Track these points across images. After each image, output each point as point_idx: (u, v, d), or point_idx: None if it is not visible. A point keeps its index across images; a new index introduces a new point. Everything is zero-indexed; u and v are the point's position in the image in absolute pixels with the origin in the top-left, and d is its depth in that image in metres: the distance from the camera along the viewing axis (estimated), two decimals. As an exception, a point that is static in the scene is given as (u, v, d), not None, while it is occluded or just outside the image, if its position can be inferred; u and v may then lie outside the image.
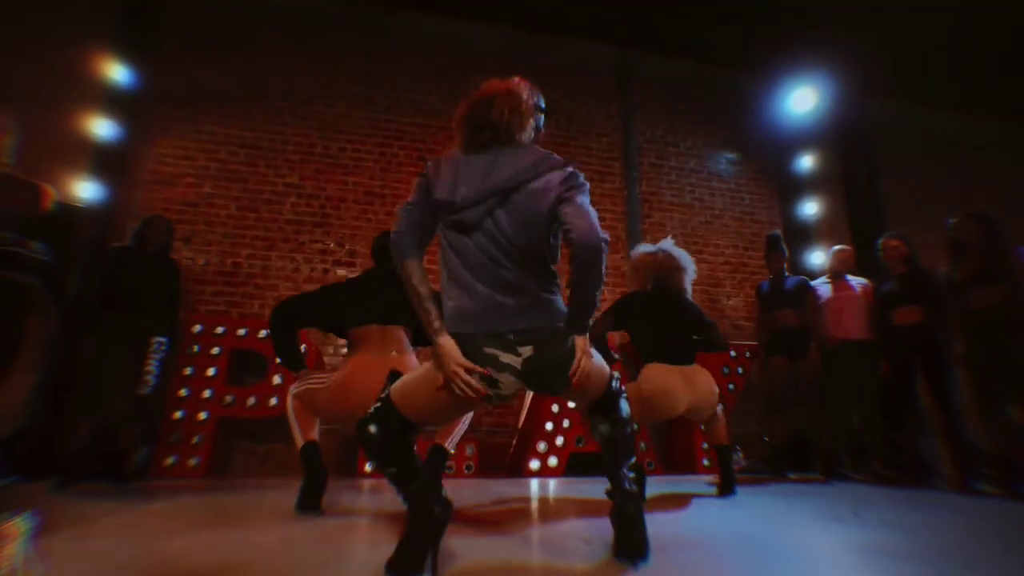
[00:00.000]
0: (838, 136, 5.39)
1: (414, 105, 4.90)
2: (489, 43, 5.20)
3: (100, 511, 2.01)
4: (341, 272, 4.33)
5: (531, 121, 1.51)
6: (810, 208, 5.27)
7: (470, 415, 2.20)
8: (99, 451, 2.98)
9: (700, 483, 3.28)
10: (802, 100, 5.33)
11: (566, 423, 3.81)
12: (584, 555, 1.48)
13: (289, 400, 2.22)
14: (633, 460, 1.55)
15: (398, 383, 1.42)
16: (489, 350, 1.32)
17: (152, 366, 3.12)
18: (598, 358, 1.47)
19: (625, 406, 1.56)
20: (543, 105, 1.61)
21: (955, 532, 1.93)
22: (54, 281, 3.05)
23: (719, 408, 2.91)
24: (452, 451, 2.17)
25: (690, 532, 1.83)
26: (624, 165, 5.22)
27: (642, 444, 3.91)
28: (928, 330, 3.37)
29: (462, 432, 2.21)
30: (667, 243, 3.06)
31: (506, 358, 1.32)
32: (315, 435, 2.16)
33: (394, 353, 2.17)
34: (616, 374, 1.59)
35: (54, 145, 3.83)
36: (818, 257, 5.02)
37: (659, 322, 2.79)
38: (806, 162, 5.38)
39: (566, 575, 1.24)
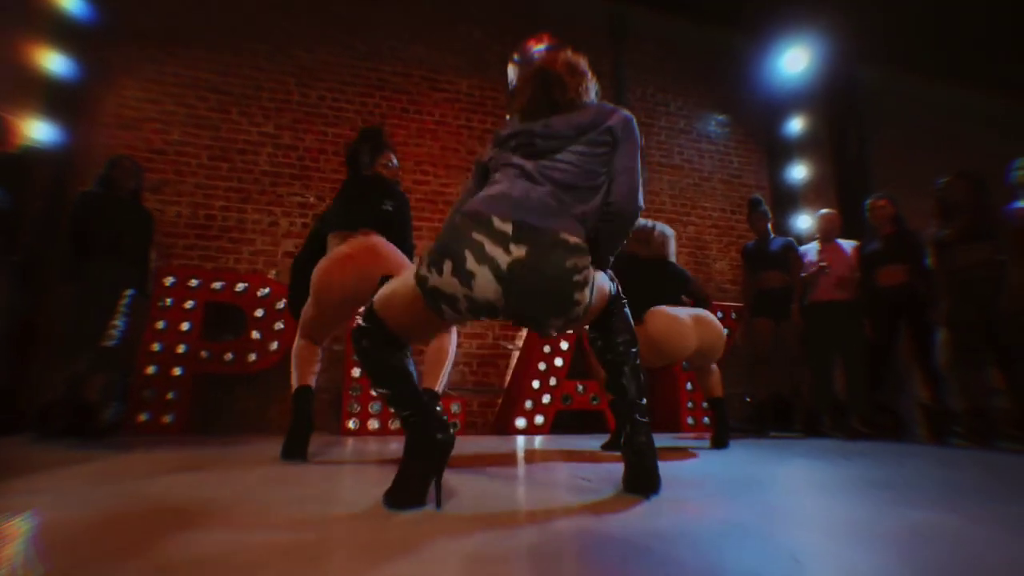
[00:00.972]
0: (828, 99, 5.34)
1: (395, 53, 4.66)
2: (476, -9, 4.96)
3: (73, 460, 1.88)
4: (321, 227, 4.15)
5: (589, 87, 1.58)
6: (798, 172, 5.25)
7: (452, 353, 2.15)
8: (71, 405, 2.83)
9: (686, 440, 3.30)
10: (794, 61, 5.25)
11: (552, 381, 3.78)
12: (588, 491, 1.43)
13: (295, 342, 2.12)
14: (646, 400, 1.46)
15: (380, 291, 1.33)
16: (477, 236, 1.19)
17: (119, 319, 2.95)
18: (599, 280, 1.38)
19: (630, 324, 1.50)
20: None
21: (934, 469, 1.96)
22: (9, 228, 2.85)
23: (713, 365, 2.91)
24: (441, 392, 2.09)
25: (691, 473, 1.81)
26: (614, 124, 5.08)
27: (628, 402, 3.91)
28: (912, 289, 3.40)
29: (448, 371, 2.12)
30: (658, 224, 3.04)
31: (492, 250, 1.18)
32: (311, 381, 2.06)
33: (360, 237, 2.07)
34: (616, 283, 1.51)
35: (2, 77, 3.53)
36: (805, 221, 5.03)
37: (651, 284, 2.78)
38: (795, 125, 5.34)
39: (577, 509, 1.19)
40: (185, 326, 3.20)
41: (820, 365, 3.88)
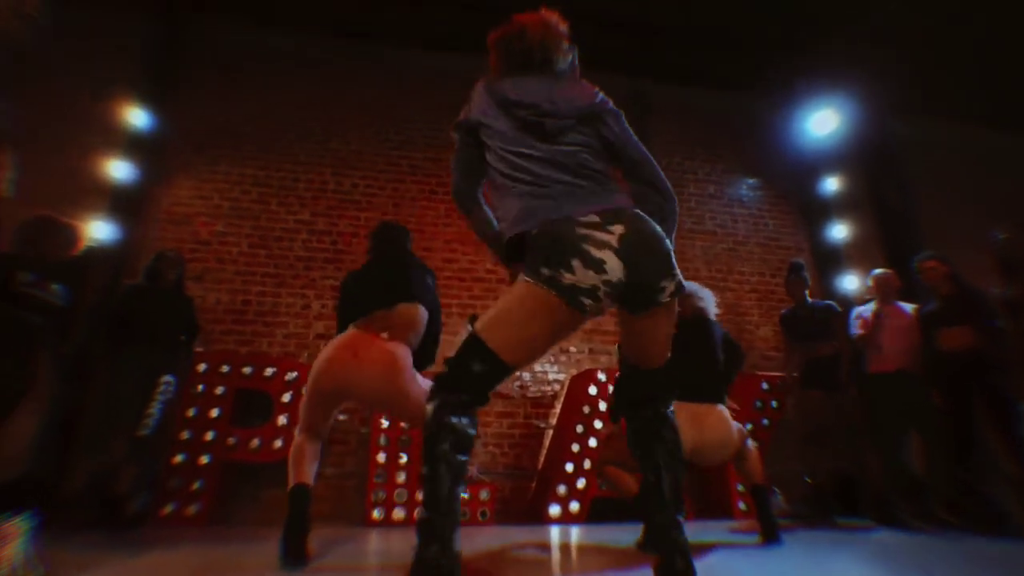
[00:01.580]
0: (863, 156, 5.19)
1: (427, 140, 4.90)
2: (500, 78, 5.23)
3: (93, 560, 1.85)
4: (352, 308, 4.24)
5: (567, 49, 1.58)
6: (838, 232, 5.03)
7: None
8: (98, 495, 2.85)
9: (735, 529, 2.98)
10: (822, 122, 5.18)
11: (587, 464, 3.55)
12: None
13: (295, 438, 2.07)
14: (681, 501, 1.32)
15: (483, 317, 1.29)
16: (580, 231, 1.24)
17: (155, 407, 3.02)
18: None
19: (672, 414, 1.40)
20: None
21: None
22: (64, 323, 3.00)
23: (749, 443, 2.64)
24: None
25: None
26: (641, 193, 5.09)
27: (671, 486, 3.61)
28: (981, 353, 3.07)
29: None
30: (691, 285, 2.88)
31: (602, 236, 1.24)
32: (307, 478, 1.98)
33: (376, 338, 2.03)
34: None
35: (73, 186, 3.90)
36: (851, 282, 4.75)
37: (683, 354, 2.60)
38: (831, 185, 5.18)
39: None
40: (215, 412, 3.24)
41: (888, 441, 3.49)
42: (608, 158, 1.46)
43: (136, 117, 4.16)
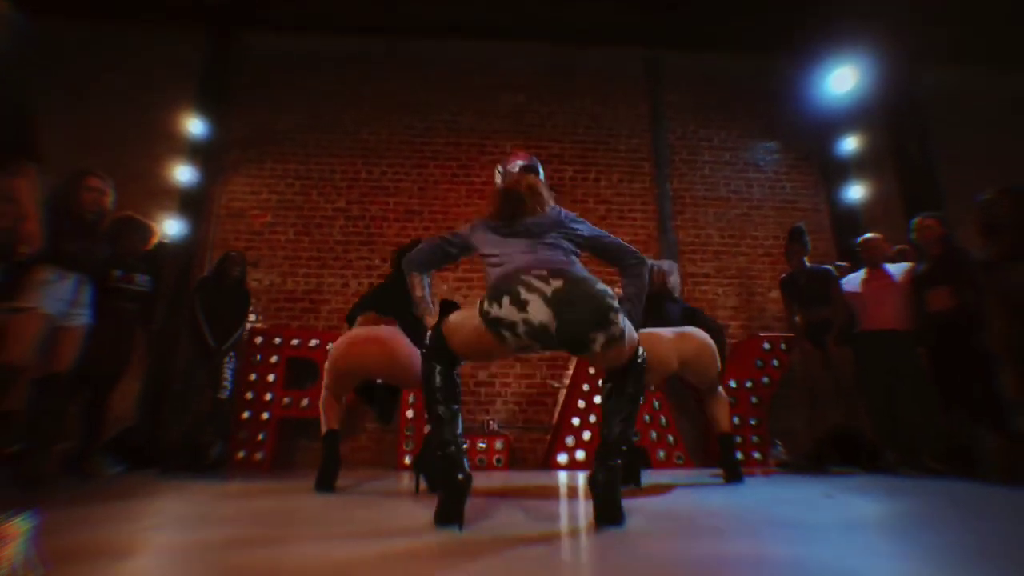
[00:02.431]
0: (884, 112, 5.09)
1: (448, 126, 5.27)
2: (518, 59, 5.48)
3: (190, 490, 2.48)
4: (385, 285, 4.78)
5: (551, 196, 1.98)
6: (857, 192, 5.01)
7: None
8: (186, 446, 3.56)
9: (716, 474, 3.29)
10: (842, 79, 5.10)
11: (592, 418, 3.95)
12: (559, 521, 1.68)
13: (321, 394, 2.61)
14: (624, 447, 1.64)
15: (454, 315, 1.73)
16: (525, 277, 1.56)
17: (227, 375, 3.68)
18: (629, 328, 1.67)
19: (641, 384, 1.71)
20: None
21: (959, 522, 1.89)
22: (151, 307, 3.68)
23: (721, 391, 2.94)
24: None
25: (675, 508, 1.95)
26: (654, 164, 5.26)
27: (670, 438, 3.95)
28: (960, 313, 3.17)
29: None
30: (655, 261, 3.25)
31: (538, 284, 1.53)
32: (336, 424, 2.51)
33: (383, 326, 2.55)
34: (643, 350, 1.74)
35: (145, 188, 4.61)
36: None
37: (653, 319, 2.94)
38: (851, 144, 5.13)
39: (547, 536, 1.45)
40: (271, 377, 3.87)
41: (876, 397, 3.66)
42: (580, 250, 1.84)
43: (194, 125, 4.79)
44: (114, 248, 3.12)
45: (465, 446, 1.63)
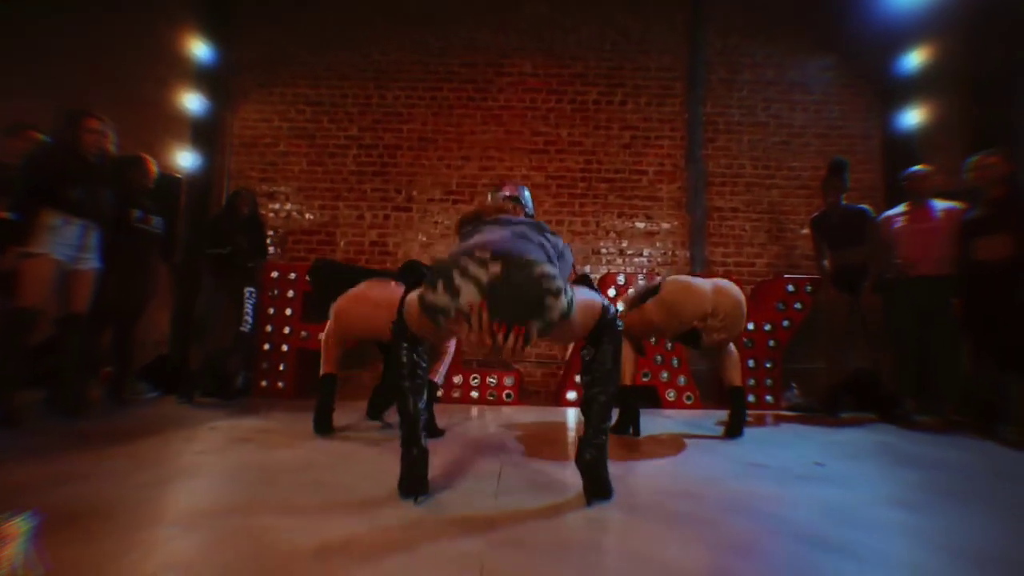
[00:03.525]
0: (963, 22, 4.40)
1: (464, 43, 4.90)
2: (541, -39, 4.93)
3: (217, 415, 2.66)
4: (400, 215, 4.71)
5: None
6: (916, 117, 4.48)
7: (450, 353, 2.63)
8: (211, 373, 3.77)
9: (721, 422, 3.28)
10: (914, -19, 4.39)
11: (603, 358, 3.94)
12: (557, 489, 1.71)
13: (324, 333, 2.66)
14: (607, 423, 1.62)
15: (407, 298, 1.70)
16: (463, 262, 1.47)
17: (248, 310, 3.80)
18: (582, 296, 1.60)
19: (616, 352, 1.64)
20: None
21: (956, 477, 1.82)
22: (168, 244, 3.74)
23: (732, 347, 2.85)
24: (441, 383, 2.51)
25: (656, 477, 1.96)
26: (687, 85, 4.81)
27: (681, 378, 3.94)
28: (1014, 264, 2.89)
29: (447, 365, 2.67)
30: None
31: (474, 270, 1.44)
32: (333, 368, 2.57)
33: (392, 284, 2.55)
34: (611, 306, 1.67)
35: (159, 119, 4.55)
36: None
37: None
38: (916, 59, 4.51)
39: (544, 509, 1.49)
40: (288, 311, 3.98)
41: (903, 344, 3.50)
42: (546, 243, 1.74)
43: (200, 50, 4.61)
44: (119, 188, 3.12)
45: (424, 418, 1.64)
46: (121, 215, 3.15)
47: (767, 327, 3.98)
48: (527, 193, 2.57)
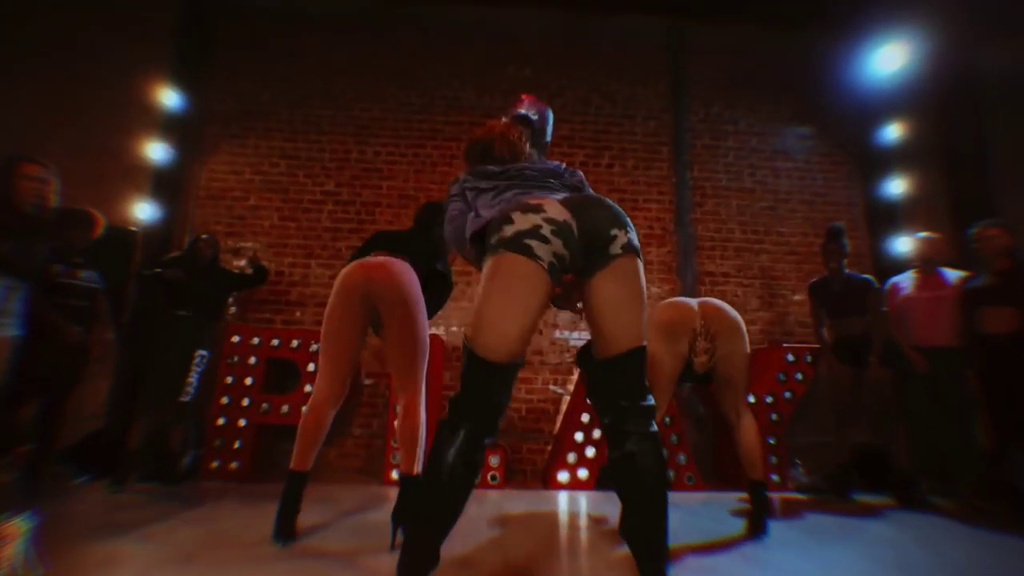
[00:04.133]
0: (935, 97, 4.58)
1: (448, 103, 4.81)
2: (527, 28, 4.97)
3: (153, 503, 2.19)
4: (377, 277, 4.40)
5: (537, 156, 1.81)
6: (897, 187, 4.54)
7: (423, 431, 2.12)
8: (153, 452, 3.27)
9: (742, 498, 2.97)
10: (889, 58, 4.57)
11: (596, 433, 3.63)
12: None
13: (305, 408, 2.17)
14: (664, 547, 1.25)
15: (469, 324, 1.34)
16: (523, 198, 1.40)
17: (193, 377, 3.36)
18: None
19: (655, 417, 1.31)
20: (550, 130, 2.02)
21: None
22: (105, 301, 3.31)
23: (748, 419, 2.56)
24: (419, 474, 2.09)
25: None
26: (673, 150, 4.79)
27: (681, 456, 3.63)
28: (1021, 337, 2.78)
29: (422, 449, 2.11)
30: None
31: (544, 195, 1.44)
32: (306, 465, 2.16)
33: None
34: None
35: (118, 169, 4.23)
36: (904, 244, 4.33)
37: None
38: (893, 132, 4.63)
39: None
40: (249, 381, 3.56)
41: (917, 419, 3.32)
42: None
43: (168, 98, 4.36)
44: (55, 243, 2.75)
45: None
46: (43, 273, 2.74)
47: (768, 399, 3.76)
48: (549, 115, 2.07)
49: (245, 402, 3.52)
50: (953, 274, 3.37)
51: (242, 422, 3.50)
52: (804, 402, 3.87)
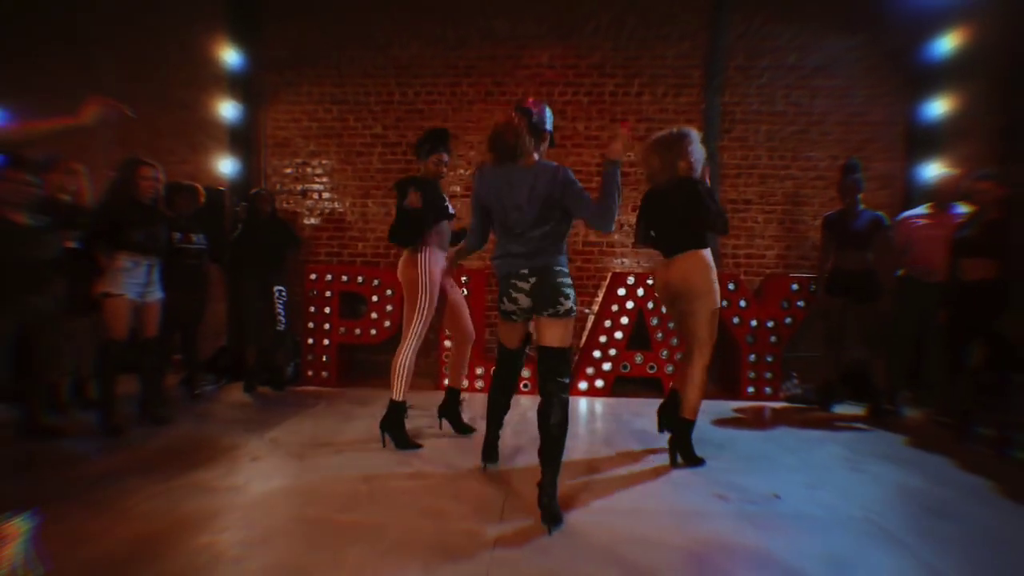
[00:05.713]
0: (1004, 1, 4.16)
1: (482, 34, 4.93)
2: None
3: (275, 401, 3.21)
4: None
5: (533, 141, 2.23)
6: (942, 107, 4.37)
7: (467, 356, 3.13)
8: (263, 368, 4.30)
9: (739, 409, 3.60)
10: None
11: (613, 351, 4.29)
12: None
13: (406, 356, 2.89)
14: (560, 458, 2.04)
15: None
16: (513, 280, 2.19)
17: (279, 309, 4.26)
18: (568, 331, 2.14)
19: (566, 391, 2.07)
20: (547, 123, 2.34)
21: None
22: (216, 251, 4.12)
23: (701, 364, 2.65)
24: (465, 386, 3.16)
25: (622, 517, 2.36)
26: (704, 73, 4.77)
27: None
28: (999, 291, 3.02)
29: (466, 368, 3.19)
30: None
31: (521, 284, 2.17)
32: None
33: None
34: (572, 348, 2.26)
35: (194, 120, 4.92)
36: (935, 171, 4.30)
37: (662, 215, 2.74)
38: (950, 41, 4.33)
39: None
40: (327, 310, 4.44)
41: (902, 341, 3.79)
42: (558, 215, 2.19)
43: (229, 55, 4.83)
44: (171, 214, 3.53)
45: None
46: (168, 243, 3.51)
47: (770, 324, 4.20)
48: (547, 113, 2.35)
49: (326, 327, 4.43)
50: (966, 211, 3.49)
51: (326, 342, 4.44)
52: (806, 321, 4.28)
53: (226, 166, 4.84)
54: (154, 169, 3.17)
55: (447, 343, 4.26)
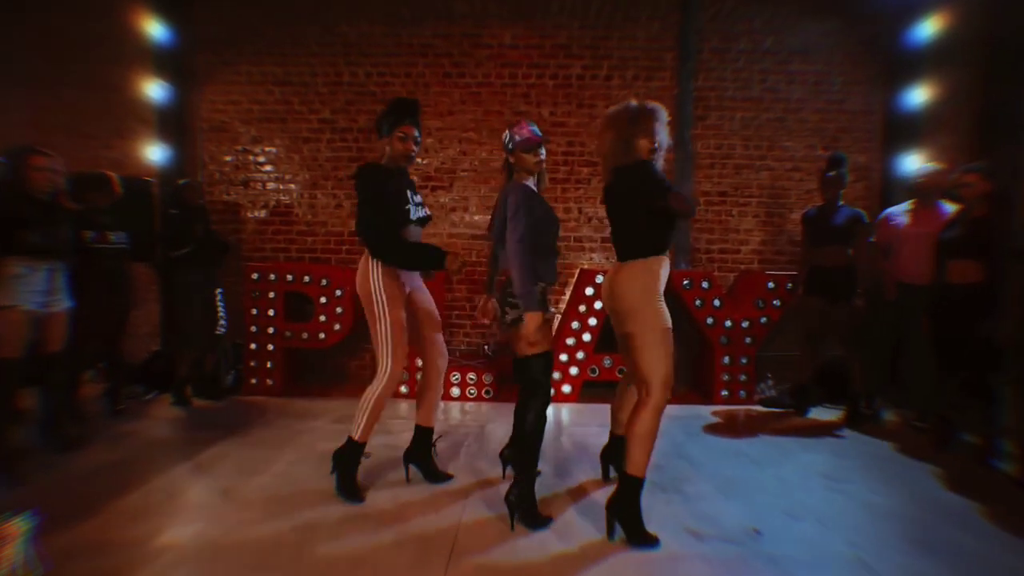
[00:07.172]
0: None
1: (438, 13, 4.53)
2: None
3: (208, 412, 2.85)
4: (379, 205, 4.61)
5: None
6: (921, 95, 4.18)
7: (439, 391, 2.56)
8: (199, 375, 3.90)
9: (715, 413, 3.40)
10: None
11: (580, 355, 4.03)
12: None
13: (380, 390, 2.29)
14: (531, 457, 2.10)
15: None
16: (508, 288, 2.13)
17: (221, 312, 3.88)
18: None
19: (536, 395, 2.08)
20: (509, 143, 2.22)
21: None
22: (136, 255, 3.67)
23: (647, 417, 1.94)
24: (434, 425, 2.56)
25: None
26: (677, 55, 4.47)
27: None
28: (986, 294, 2.84)
29: (438, 399, 2.56)
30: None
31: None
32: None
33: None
34: (541, 355, 2.08)
35: (121, 101, 4.41)
36: (914, 164, 4.12)
37: (611, 210, 2.25)
38: (931, 27, 4.13)
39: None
40: (271, 312, 4.04)
41: (877, 348, 3.61)
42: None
43: (155, 30, 4.32)
44: (79, 212, 3.05)
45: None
46: (77, 241, 3.05)
47: (745, 324, 4.00)
48: (518, 134, 2.17)
49: (270, 330, 4.05)
50: (951, 209, 3.30)
51: (270, 347, 4.06)
52: (781, 320, 4.09)
53: (155, 153, 4.36)
54: (49, 159, 2.72)
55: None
